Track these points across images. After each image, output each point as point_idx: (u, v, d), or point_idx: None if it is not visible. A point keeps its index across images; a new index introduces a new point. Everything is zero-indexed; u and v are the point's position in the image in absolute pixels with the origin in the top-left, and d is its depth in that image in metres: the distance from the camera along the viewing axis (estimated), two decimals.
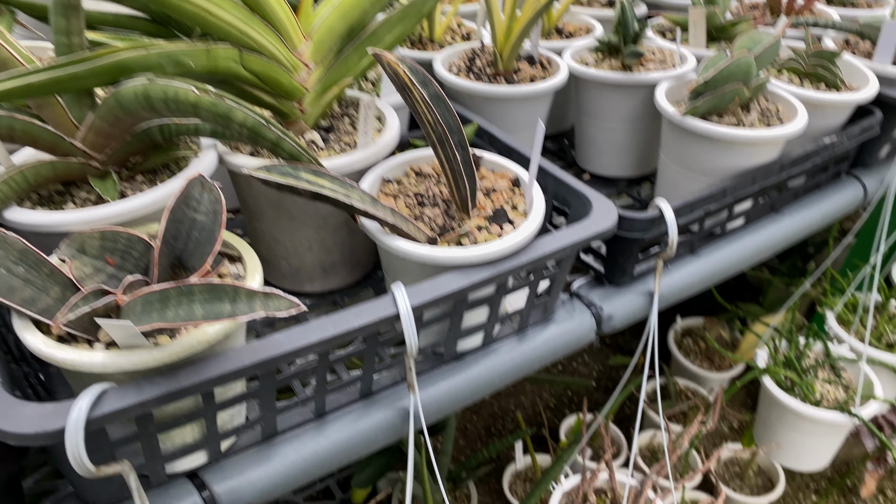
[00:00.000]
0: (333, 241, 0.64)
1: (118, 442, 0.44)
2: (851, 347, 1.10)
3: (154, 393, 0.41)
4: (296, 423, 0.54)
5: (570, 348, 0.66)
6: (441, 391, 0.58)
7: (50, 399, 0.54)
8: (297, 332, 0.46)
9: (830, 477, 1.68)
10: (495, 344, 0.63)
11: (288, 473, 0.51)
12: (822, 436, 1.04)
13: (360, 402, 0.56)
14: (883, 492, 1.65)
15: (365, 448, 0.55)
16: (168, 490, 0.49)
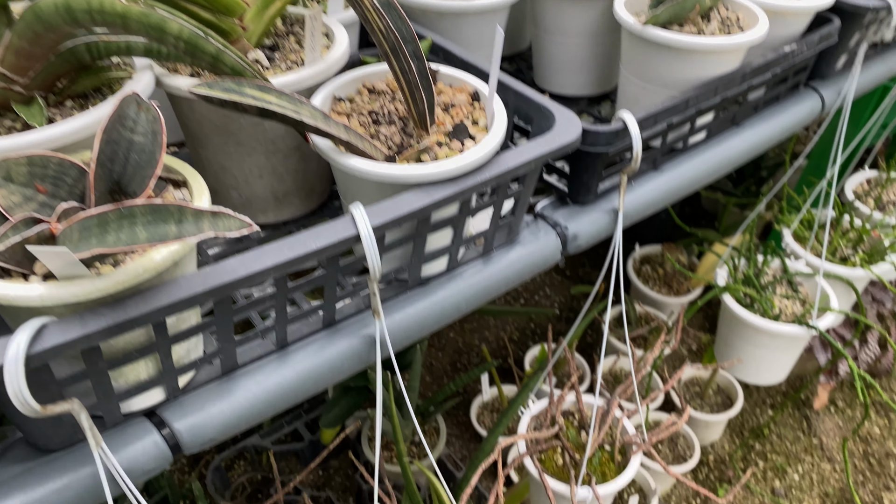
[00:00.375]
0: (285, 168, 0.61)
1: (66, 381, 0.41)
2: (808, 262, 1.12)
3: (99, 325, 0.38)
4: (257, 355, 0.51)
5: (537, 269, 0.64)
6: (407, 317, 0.56)
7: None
8: (252, 256, 0.43)
9: (785, 391, 1.74)
10: (460, 268, 0.61)
11: (252, 406, 0.49)
12: (781, 349, 1.06)
13: (324, 331, 0.54)
14: (834, 402, 1.72)
15: (332, 377, 0.53)
16: (125, 430, 0.46)
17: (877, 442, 1.65)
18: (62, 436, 0.44)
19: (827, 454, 1.62)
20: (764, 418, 1.68)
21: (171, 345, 0.44)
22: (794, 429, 1.67)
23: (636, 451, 0.88)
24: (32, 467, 0.44)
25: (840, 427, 1.67)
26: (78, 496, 0.44)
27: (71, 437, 0.45)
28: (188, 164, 0.48)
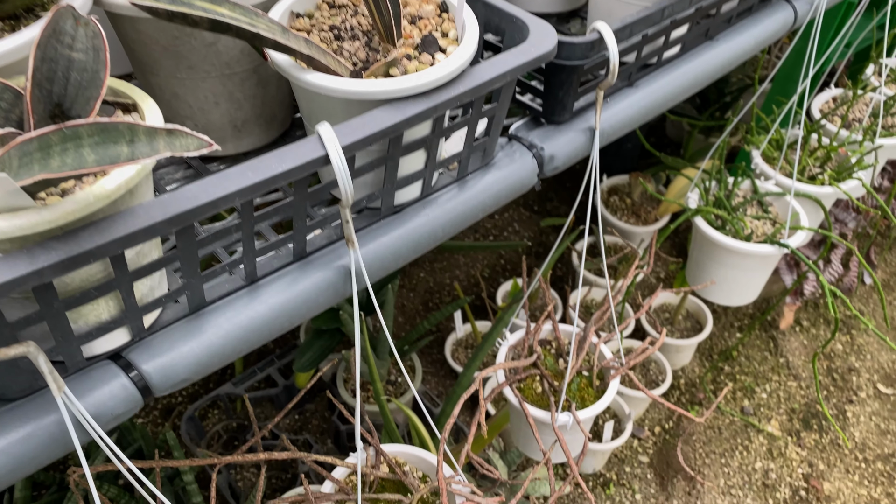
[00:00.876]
0: (243, 94, 0.57)
1: (18, 323, 0.38)
2: (777, 182, 1.12)
3: (50, 260, 0.35)
4: (226, 291, 0.49)
5: (514, 193, 0.62)
6: (382, 246, 0.54)
7: None
8: (214, 180, 0.40)
9: (752, 314, 1.78)
10: (435, 194, 0.58)
11: (224, 343, 0.47)
12: (752, 269, 1.07)
13: (295, 264, 0.51)
14: (799, 322, 1.76)
15: (306, 310, 0.51)
16: (89, 374, 0.43)
17: (840, 358, 1.70)
18: (20, 383, 0.41)
19: (793, 372, 1.66)
20: (732, 341, 1.71)
21: (133, 281, 0.41)
22: (762, 350, 1.71)
23: (614, 375, 0.88)
24: None
25: (805, 346, 1.72)
26: (44, 445, 0.41)
27: (30, 384, 0.42)
28: (137, 88, 0.44)
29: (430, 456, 0.77)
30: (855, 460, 1.51)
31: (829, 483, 1.47)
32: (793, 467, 1.49)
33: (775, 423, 1.56)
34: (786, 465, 1.49)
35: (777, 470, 1.48)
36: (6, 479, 0.40)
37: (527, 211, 2.04)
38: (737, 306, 1.79)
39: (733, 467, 1.48)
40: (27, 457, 0.41)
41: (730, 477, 1.47)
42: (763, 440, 1.53)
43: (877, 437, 1.55)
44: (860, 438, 1.54)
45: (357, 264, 0.50)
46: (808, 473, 1.48)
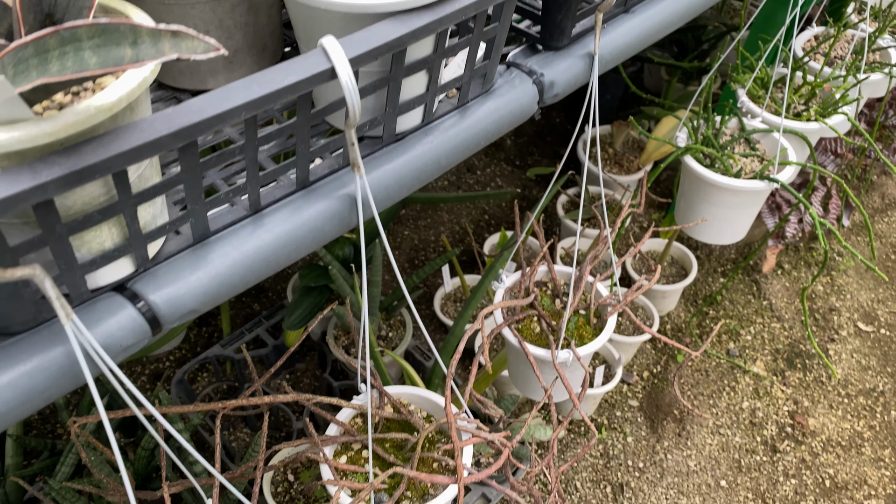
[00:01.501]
0: (233, 21, 0.55)
1: (21, 248, 0.36)
2: (764, 120, 1.12)
3: (53, 174, 0.33)
4: (229, 221, 0.47)
5: (515, 121, 0.61)
6: (385, 174, 0.53)
7: None
8: (219, 94, 0.38)
9: (734, 259, 1.80)
10: (436, 121, 0.57)
11: (231, 273, 0.45)
12: (742, 207, 1.07)
13: (299, 193, 0.50)
14: (780, 265, 1.78)
15: (313, 240, 0.49)
16: (95, 306, 0.42)
17: (821, 299, 1.73)
18: (24, 314, 0.40)
19: (776, 314, 1.69)
20: (716, 286, 1.73)
21: (136, 205, 0.40)
22: (745, 293, 1.73)
23: (612, 312, 0.88)
24: None
25: (787, 288, 1.74)
26: (52, 378, 0.40)
27: (35, 317, 0.40)
28: (129, 2, 0.42)
29: (433, 396, 0.76)
30: (838, 396, 1.54)
31: (814, 419, 1.50)
32: (778, 405, 1.52)
33: (760, 363, 1.59)
34: (772, 403, 1.52)
35: (763, 408, 1.51)
36: (15, 413, 0.39)
37: (509, 166, 2.03)
38: (720, 251, 1.81)
39: (721, 407, 1.51)
40: (36, 390, 0.39)
41: (718, 417, 1.50)
42: (749, 380, 1.56)
43: (858, 374, 1.58)
44: (843, 375, 1.58)
45: (363, 190, 0.49)
46: (794, 410, 1.51)
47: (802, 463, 1.43)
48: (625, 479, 1.39)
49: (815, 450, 1.45)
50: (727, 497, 1.38)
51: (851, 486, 1.40)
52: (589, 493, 1.37)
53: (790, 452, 1.45)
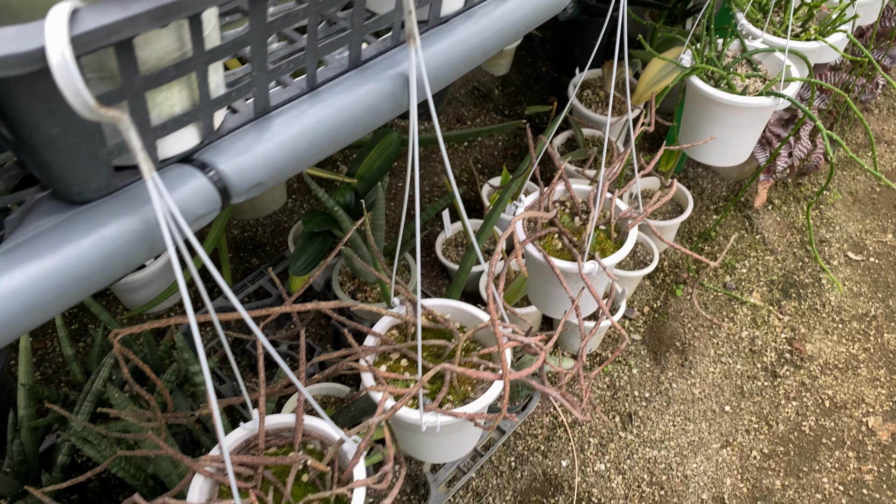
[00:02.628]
0: None
1: (102, 98, 0.35)
2: (765, 41, 1.13)
3: (142, 7, 0.32)
4: (287, 98, 0.47)
5: (552, 10, 0.61)
6: (437, 55, 0.52)
7: None
8: None
9: (726, 196, 1.82)
10: (476, 7, 0.57)
11: (295, 145, 0.45)
12: (747, 126, 1.09)
13: (352, 71, 0.49)
14: (771, 201, 1.81)
15: (369, 119, 0.49)
16: (167, 174, 0.41)
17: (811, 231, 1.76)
18: (99, 179, 0.39)
19: (769, 247, 1.72)
20: (710, 223, 1.76)
21: (207, 64, 0.39)
22: (738, 229, 1.76)
23: (632, 224, 0.89)
24: (71, 216, 0.39)
25: (778, 222, 1.77)
26: (131, 243, 0.39)
27: (108, 183, 0.40)
28: None
29: (467, 306, 0.77)
30: (833, 322, 1.58)
31: (811, 344, 1.54)
32: (776, 333, 1.56)
33: (757, 294, 1.62)
34: (770, 331, 1.56)
35: (762, 336, 1.55)
36: (96, 278, 0.38)
37: (498, 115, 2.02)
38: (711, 190, 1.83)
39: (721, 338, 1.54)
40: (116, 255, 0.39)
41: (719, 346, 1.53)
42: (747, 311, 1.59)
43: (851, 300, 1.63)
44: (836, 302, 1.62)
45: (418, 67, 0.48)
46: (791, 337, 1.55)
47: (802, 386, 1.47)
48: (632, 408, 1.42)
49: (813, 373, 1.49)
50: (732, 421, 1.41)
51: (850, 405, 1.44)
52: (599, 422, 1.39)
53: (790, 377, 1.49)
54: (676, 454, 1.36)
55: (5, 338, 0.36)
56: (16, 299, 0.36)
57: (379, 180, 1.38)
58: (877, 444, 1.38)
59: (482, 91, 2.09)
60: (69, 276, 0.37)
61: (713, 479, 1.32)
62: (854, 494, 1.31)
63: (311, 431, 0.66)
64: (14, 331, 0.36)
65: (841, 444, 1.38)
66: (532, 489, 1.30)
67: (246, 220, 1.73)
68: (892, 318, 1.59)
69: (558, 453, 1.34)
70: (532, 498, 1.29)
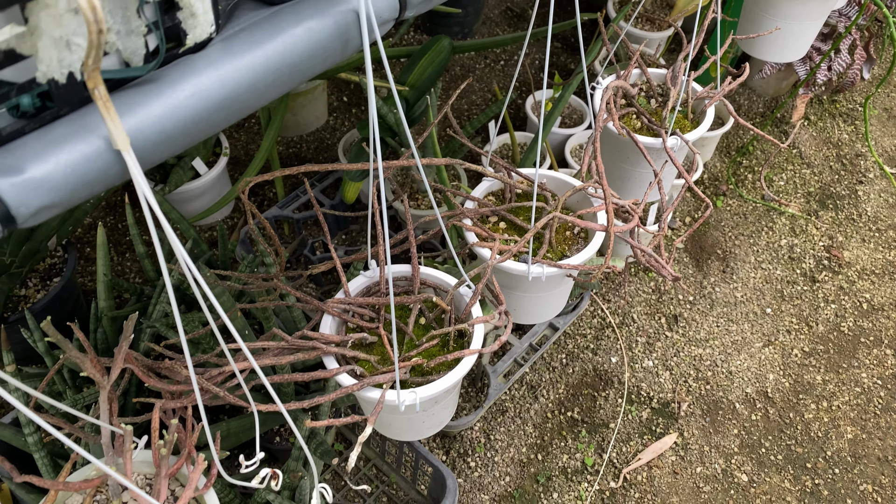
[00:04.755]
0: None
1: None
2: None
3: None
4: None
5: None
6: None
7: None
8: None
9: (763, 113, 1.84)
10: None
11: None
12: (808, 19, 1.10)
13: None
14: (807, 117, 1.83)
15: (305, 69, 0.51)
16: None
17: (846, 146, 1.79)
18: None
19: (806, 161, 1.75)
20: (748, 137, 1.78)
21: None
22: None
23: (709, 104, 0.91)
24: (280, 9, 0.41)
25: (815, 137, 1.80)
26: (331, 37, 0.42)
27: None
28: None
29: (559, 174, 0.80)
30: (869, 231, 1.62)
31: (849, 251, 1.58)
32: (814, 241, 1.60)
33: (795, 205, 1.66)
34: (808, 239, 1.60)
35: (801, 244, 1.59)
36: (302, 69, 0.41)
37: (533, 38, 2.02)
38: (748, 106, 1.84)
39: (761, 245, 1.58)
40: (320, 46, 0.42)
41: (759, 254, 1.57)
42: (785, 220, 1.63)
43: (887, 211, 1.66)
44: (872, 212, 1.66)
45: None
46: (829, 245, 1.59)
47: (840, 290, 1.52)
48: (678, 310, 1.47)
49: (851, 278, 1.54)
50: (773, 322, 1.46)
51: (888, 307, 1.49)
52: (646, 323, 1.44)
53: (828, 282, 1.53)
54: (721, 352, 1.41)
55: (238, 113, 0.39)
56: (242, 78, 0.39)
57: (431, 88, 1.40)
58: None
59: (516, 11, 2.08)
60: (285, 60, 0.40)
61: (756, 375, 1.38)
62: (892, 388, 1.37)
63: (426, 279, 0.70)
64: (242, 108, 0.39)
65: (879, 343, 1.44)
66: (583, 383, 1.35)
67: (290, 136, 1.75)
68: None
69: (608, 351, 1.39)
70: (584, 391, 1.34)
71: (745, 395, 1.35)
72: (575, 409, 1.32)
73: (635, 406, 1.33)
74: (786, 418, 1.32)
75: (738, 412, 1.33)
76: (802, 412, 1.33)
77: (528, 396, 1.32)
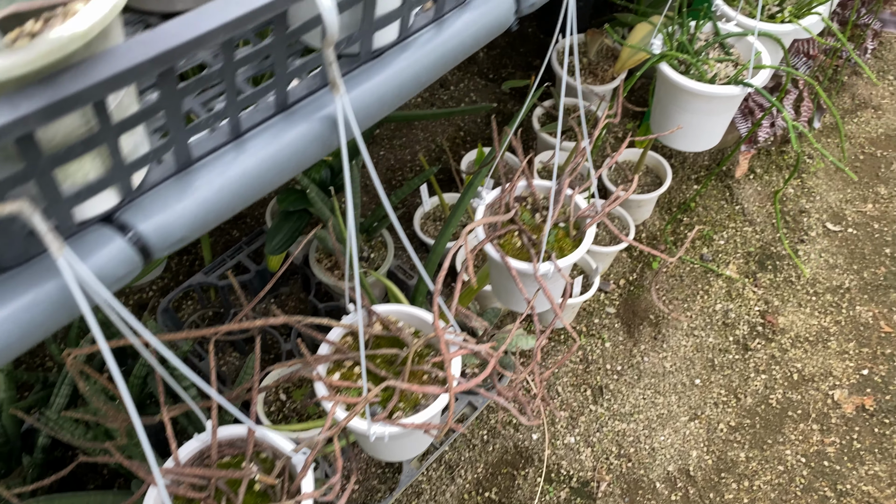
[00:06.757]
0: None
1: (5, 183, 0.36)
2: (739, 23, 1.11)
3: (33, 106, 0.32)
4: (211, 147, 0.47)
5: (492, 33, 0.60)
6: (366, 93, 0.52)
7: None
8: (193, 17, 0.37)
9: (708, 165, 1.82)
10: (412, 36, 0.56)
11: (218, 199, 0.45)
12: (717, 112, 1.08)
13: (278, 116, 0.49)
14: (752, 170, 1.81)
15: (296, 164, 0.49)
16: (84, 238, 0.42)
17: (791, 201, 1.77)
18: (14, 249, 0.40)
19: (748, 218, 1.73)
20: (690, 193, 1.76)
21: (118, 135, 0.39)
22: (718, 199, 1.76)
23: (590, 224, 0.90)
24: None
25: (759, 192, 1.77)
26: (48, 312, 0.40)
27: (25, 250, 0.40)
28: None
29: (420, 312, 0.78)
30: (806, 294, 1.60)
31: (784, 317, 1.56)
32: (750, 306, 1.58)
33: (733, 266, 1.64)
34: (744, 304, 1.58)
35: (736, 309, 1.57)
36: (14, 347, 0.40)
37: (482, 79, 2.00)
38: (693, 159, 1.82)
39: (695, 310, 1.56)
40: (33, 324, 0.40)
41: (692, 319, 1.55)
42: (722, 283, 1.61)
43: (826, 272, 1.64)
44: (811, 274, 1.63)
45: (344, 111, 0.48)
46: (765, 310, 1.57)
47: (772, 359, 1.50)
48: (604, 381, 1.45)
49: (784, 346, 1.52)
50: (701, 394, 1.45)
51: (818, 378, 1.47)
52: (570, 396, 1.43)
53: (761, 350, 1.51)
54: (645, 427, 1.40)
55: None
56: None
57: (354, 157, 1.38)
58: (841, 416, 1.42)
59: None
60: None
61: (679, 452, 1.37)
62: (815, 466, 1.35)
63: (262, 442, 0.69)
64: None
65: (806, 417, 1.42)
66: (503, 461, 1.34)
67: None
68: (866, 291, 1.60)
69: (530, 427, 1.38)
70: (503, 470, 1.33)
71: (667, 473, 1.34)
72: (493, 489, 1.31)
73: (554, 486, 1.31)
74: (706, 499, 1.31)
75: (658, 492, 1.32)
76: (723, 492, 1.32)
77: (446, 477, 1.31)
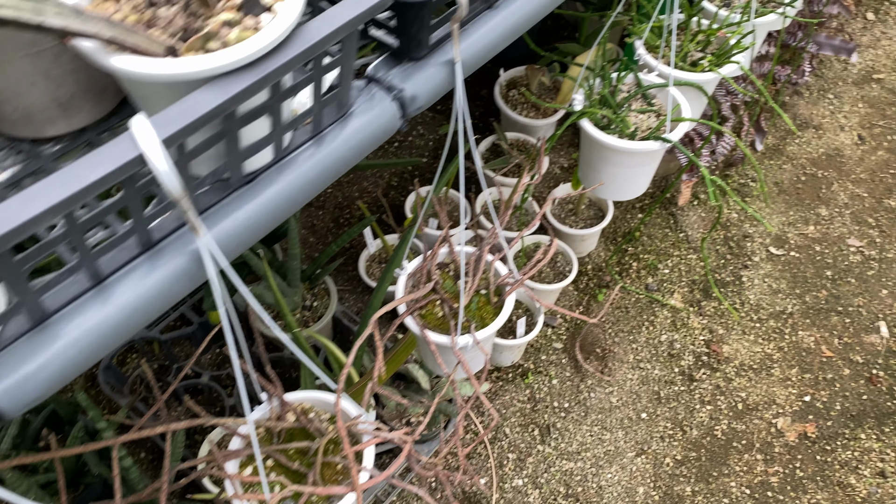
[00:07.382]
0: (61, 70, 0.52)
1: None
2: (660, 73, 1.12)
3: None
4: (70, 297, 0.46)
5: (377, 141, 0.60)
6: (235, 222, 0.52)
7: None
8: (12, 204, 0.36)
9: (652, 194, 1.83)
10: (290, 156, 0.56)
11: (77, 354, 0.45)
12: (640, 165, 1.09)
13: (143, 255, 0.49)
14: (696, 196, 1.83)
15: (163, 303, 0.49)
16: None
17: (735, 227, 1.79)
18: None
19: (693, 246, 1.74)
20: (634, 222, 1.77)
21: None
22: (662, 227, 1.78)
23: (510, 291, 0.90)
24: None
25: (703, 218, 1.79)
26: None
27: None
28: None
29: (331, 397, 0.78)
30: (750, 321, 1.62)
31: (728, 345, 1.58)
32: (695, 335, 1.59)
33: (678, 296, 1.65)
34: (689, 334, 1.60)
35: (681, 339, 1.59)
36: None
37: (430, 112, 2.00)
38: None
39: (641, 342, 1.58)
40: None
41: (638, 352, 1.56)
42: (667, 313, 1.63)
43: (769, 297, 1.66)
44: (755, 300, 1.66)
45: (209, 249, 0.48)
46: (709, 339, 1.59)
47: (717, 389, 1.52)
48: (551, 420, 1.46)
49: (728, 375, 1.54)
50: (648, 428, 1.46)
51: (761, 407, 1.50)
52: (518, 437, 1.43)
53: (706, 380, 1.53)
54: (592, 465, 1.41)
55: None
56: None
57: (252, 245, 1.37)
58: (784, 445, 1.44)
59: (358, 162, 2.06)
60: None
61: (626, 489, 1.38)
62: (759, 497, 1.37)
63: None
64: None
65: (750, 447, 1.44)
66: None
67: None
68: (808, 315, 1.63)
69: (478, 470, 1.38)
70: None
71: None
72: None
73: None
74: None
75: None
76: None
77: None
